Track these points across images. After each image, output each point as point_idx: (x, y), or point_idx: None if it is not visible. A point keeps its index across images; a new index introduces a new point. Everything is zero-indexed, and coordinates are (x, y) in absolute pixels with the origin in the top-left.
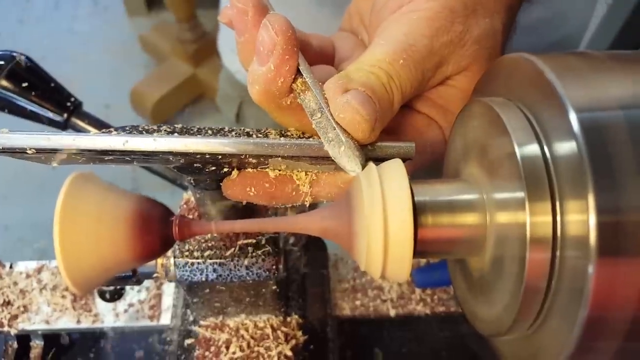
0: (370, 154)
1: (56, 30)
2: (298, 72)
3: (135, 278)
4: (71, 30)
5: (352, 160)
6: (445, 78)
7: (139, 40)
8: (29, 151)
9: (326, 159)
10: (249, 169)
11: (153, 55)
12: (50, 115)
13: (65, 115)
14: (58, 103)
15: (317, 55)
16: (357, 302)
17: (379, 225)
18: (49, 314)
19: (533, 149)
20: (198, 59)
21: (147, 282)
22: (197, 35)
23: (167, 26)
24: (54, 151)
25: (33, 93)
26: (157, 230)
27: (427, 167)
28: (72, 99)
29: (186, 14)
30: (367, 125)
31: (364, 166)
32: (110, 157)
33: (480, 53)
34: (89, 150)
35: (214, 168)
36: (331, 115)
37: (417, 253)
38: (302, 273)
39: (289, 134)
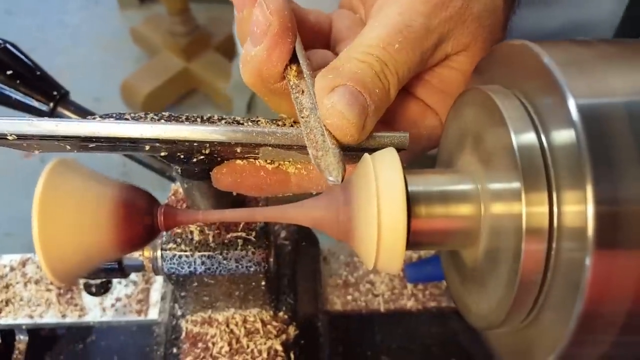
0: (364, 145)
1: (46, 22)
2: (293, 59)
3: (121, 270)
4: (61, 22)
5: (334, 169)
6: (445, 57)
7: (131, 33)
8: (9, 137)
9: None
10: (239, 159)
11: (144, 49)
12: (36, 104)
13: (52, 104)
14: (44, 92)
15: (313, 33)
16: (349, 297)
17: (373, 216)
18: (34, 308)
19: (530, 138)
20: (190, 52)
21: (134, 277)
22: (190, 28)
23: (159, 19)
24: (36, 137)
25: (18, 81)
26: (141, 219)
27: (424, 154)
28: (59, 88)
29: (178, 7)
30: (355, 129)
31: (343, 177)
32: (95, 145)
33: (481, 31)
34: (73, 137)
35: (202, 157)
36: (319, 118)
37: (410, 244)
38: (293, 267)
39: (280, 123)
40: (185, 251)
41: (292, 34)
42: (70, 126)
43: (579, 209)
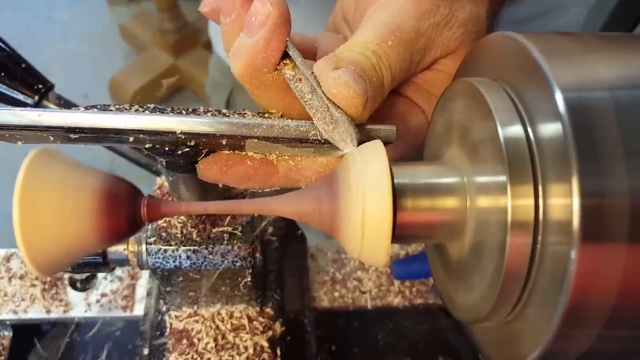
0: None
1: (34, 17)
2: (285, 55)
3: (106, 264)
4: (50, 18)
5: (347, 136)
6: (433, 62)
7: (119, 30)
8: None
9: (304, 142)
10: (225, 151)
11: (133, 45)
12: (21, 97)
13: (37, 97)
14: (29, 85)
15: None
16: (336, 294)
17: (358, 209)
18: (18, 303)
19: (516, 130)
20: (179, 49)
21: (120, 272)
22: (179, 25)
23: (148, 16)
24: (19, 128)
25: (3, 74)
26: (124, 210)
27: (411, 153)
28: (44, 82)
29: (167, 4)
30: (359, 100)
31: (359, 142)
32: (79, 136)
33: (467, 36)
34: (56, 128)
35: (187, 149)
36: (323, 93)
37: (396, 237)
38: (280, 263)
39: (267, 115)
40: (171, 245)
41: (289, 25)
42: (54, 116)
43: (565, 202)
